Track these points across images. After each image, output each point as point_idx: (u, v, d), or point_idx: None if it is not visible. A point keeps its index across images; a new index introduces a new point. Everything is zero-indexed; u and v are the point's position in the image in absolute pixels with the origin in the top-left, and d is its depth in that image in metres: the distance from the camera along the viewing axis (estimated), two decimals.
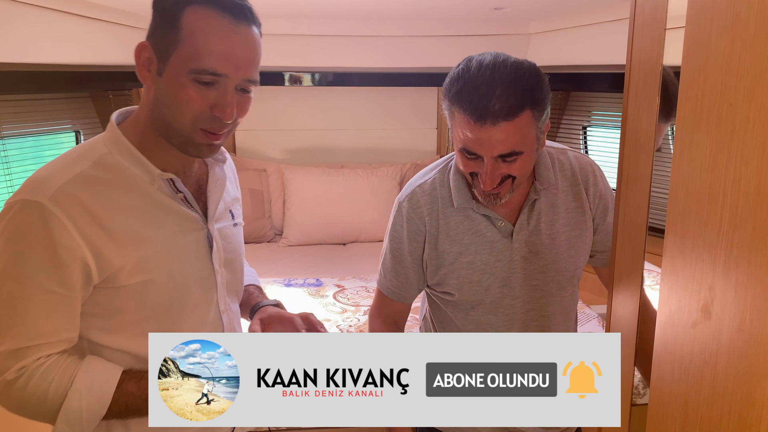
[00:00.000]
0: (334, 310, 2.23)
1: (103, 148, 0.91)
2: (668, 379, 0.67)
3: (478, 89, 0.97)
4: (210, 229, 0.98)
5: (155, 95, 0.89)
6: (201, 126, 0.88)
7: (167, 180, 0.92)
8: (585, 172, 1.17)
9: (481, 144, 0.99)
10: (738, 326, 0.55)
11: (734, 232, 0.55)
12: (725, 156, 0.56)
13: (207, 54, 0.84)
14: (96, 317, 0.90)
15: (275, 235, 3.32)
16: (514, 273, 1.14)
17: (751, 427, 0.54)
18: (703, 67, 0.59)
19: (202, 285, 0.97)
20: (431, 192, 1.16)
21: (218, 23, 0.85)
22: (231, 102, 0.87)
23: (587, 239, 1.17)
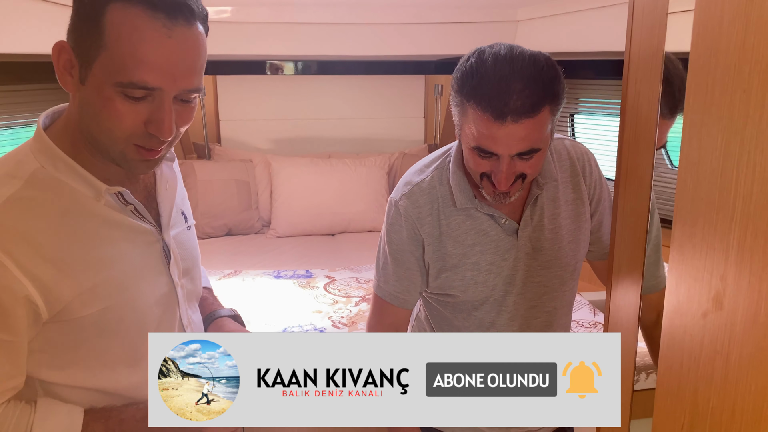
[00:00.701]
0: (325, 302, 2.21)
1: (34, 162, 0.77)
2: (677, 369, 0.66)
3: (498, 84, 0.92)
4: (166, 240, 0.89)
5: (80, 105, 0.76)
6: (135, 142, 0.76)
7: (115, 193, 0.81)
8: (582, 161, 1.15)
9: (499, 142, 0.94)
10: (753, 317, 0.54)
11: (748, 220, 0.54)
12: (738, 143, 0.55)
13: (135, 65, 0.71)
14: (46, 354, 0.79)
15: (263, 226, 3.29)
16: (518, 271, 1.11)
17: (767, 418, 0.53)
18: (714, 53, 0.58)
19: (163, 302, 0.89)
20: (430, 191, 1.11)
21: (148, 26, 0.71)
22: (168, 117, 0.75)
23: (586, 230, 1.16)
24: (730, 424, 0.58)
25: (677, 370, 0.66)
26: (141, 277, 0.85)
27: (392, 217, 1.14)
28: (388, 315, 1.20)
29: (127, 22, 0.71)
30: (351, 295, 2.28)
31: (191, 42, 0.75)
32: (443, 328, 1.20)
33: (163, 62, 0.72)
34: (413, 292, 1.17)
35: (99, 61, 0.72)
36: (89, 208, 0.80)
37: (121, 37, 0.71)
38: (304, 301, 2.22)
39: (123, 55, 0.71)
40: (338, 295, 2.27)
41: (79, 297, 0.77)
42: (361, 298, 2.24)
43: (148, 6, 0.71)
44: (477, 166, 1.01)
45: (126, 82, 0.72)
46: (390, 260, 1.16)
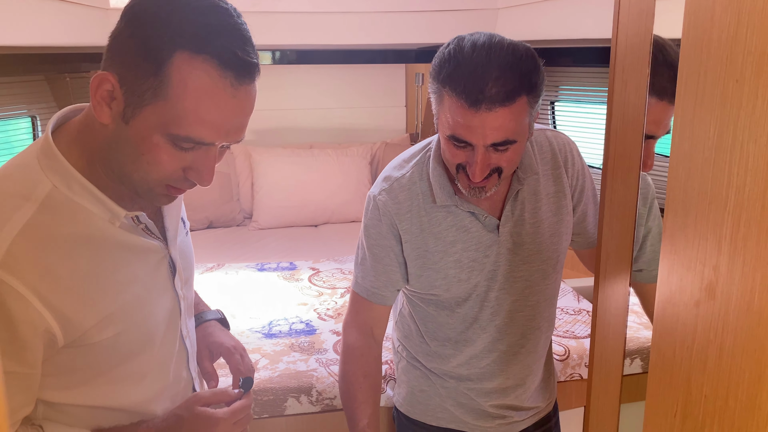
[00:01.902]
0: (311, 294, 2.20)
1: (47, 182, 0.73)
2: (669, 358, 0.67)
3: (474, 71, 0.90)
4: (172, 254, 0.88)
5: (114, 138, 0.73)
6: (168, 183, 0.75)
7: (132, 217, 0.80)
8: (564, 152, 1.14)
9: (474, 131, 0.93)
10: (746, 306, 0.55)
11: (741, 211, 0.54)
12: (731, 133, 0.55)
13: (195, 122, 0.69)
14: (53, 376, 0.77)
15: (244, 218, 3.26)
16: (500, 266, 1.11)
17: (761, 406, 0.54)
18: (706, 42, 0.58)
19: (168, 318, 0.88)
20: (410, 187, 1.09)
21: (216, 85, 0.68)
22: (211, 168, 0.74)
23: (568, 223, 1.16)
24: (723, 411, 0.58)
25: (670, 359, 0.67)
26: (151, 298, 0.84)
27: (371, 212, 1.13)
28: (362, 312, 1.19)
29: (194, 78, 0.68)
30: (336, 286, 2.27)
31: (250, 100, 0.74)
32: (427, 324, 1.19)
33: (223, 122, 0.71)
34: (391, 289, 1.16)
35: (154, 107, 0.69)
36: (105, 232, 0.77)
37: (186, 92, 0.68)
38: (289, 293, 2.21)
39: (185, 109, 0.68)
40: (323, 287, 2.27)
41: (96, 325, 0.76)
42: (346, 290, 2.23)
43: (219, 63, 0.68)
44: (453, 157, 0.99)
45: (183, 136, 0.70)
46: (368, 255, 1.15)
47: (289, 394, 1.57)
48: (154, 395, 0.87)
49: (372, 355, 1.20)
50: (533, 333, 1.18)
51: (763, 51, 0.51)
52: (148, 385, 0.86)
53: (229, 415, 0.87)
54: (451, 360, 1.18)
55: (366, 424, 1.15)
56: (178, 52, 0.67)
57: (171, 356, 0.90)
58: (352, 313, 1.21)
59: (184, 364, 0.94)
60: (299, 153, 3.22)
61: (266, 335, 1.85)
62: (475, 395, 1.21)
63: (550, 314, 1.22)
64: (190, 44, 0.67)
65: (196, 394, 0.91)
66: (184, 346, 0.93)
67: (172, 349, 0.90)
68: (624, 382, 0.93)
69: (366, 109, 3.62)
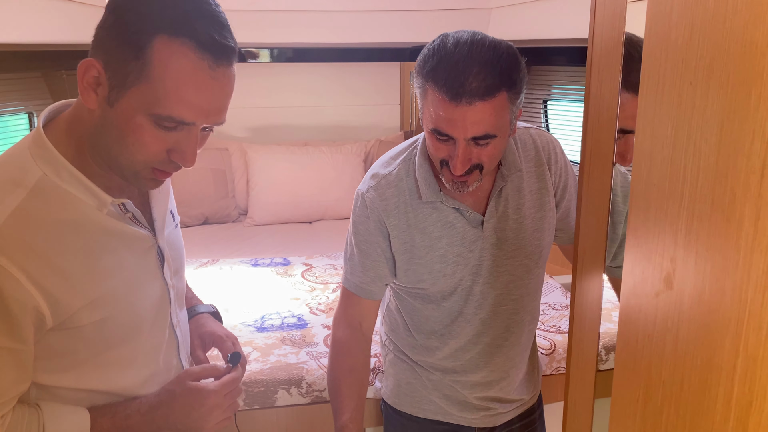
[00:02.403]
0: (303, 289, 2.23)
1: (37, 169, 0.77)
2: (633, 346, 0.70)
3: (455, 66, 0.94)
4: (160, 243, 0.91)
5: (101, 122, 0.77)
6: (154, 166, 0.79)
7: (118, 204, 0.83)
8: (547, 149, 1.17)
9: (455, 124, 0.96)
10: (698, 295, 0.58)
11: (694, 205, 0.58)
12: (686, 133, 0.58)
13: (176, 101, 0.73)
14: (45, 359, 0.80)
15: (239, 215, 3.29)
16: (484, 261, 1.14)
17: (710, 388, 0.57)
18: (664, 47, 0.61)
19: (157, 305, 0.91)
20: (397, 183, 1.12)
21: (195, 66, 0.72)
22: (194, 148, 0.78)
23: (551, 218, 1.19)
24: (679, 395, 0.62)
25: (633, 348, 0.70)
26: (139, 284, 0.87)
27: (359, 209, 1.15)
28: (351, 307, 1.22)
29: (174, 59, 0.71)
30: (329, 282, 2.30)
31: (229, 82, 0.78)
32: (413, 318, 1.22)
33: (202, 101, 0.75)
34: (379, 284, 1.19)
35: (137, 89, 0.73)
36: (92, 219, 0.81)
37: (166, 73, 0.72)
38: (282, 288, 2.24)
39: (166, 90, 0.72)
40: (316, 282, 2.30)
41: (84, 307, 0.79)
42: (338, 285, 2.26)
43: (197, 45, 0.72)
44: (436, 151, 1.02)
45: (164, 116, 0.73)
46: (356, 251, 1.18)
47: (279, 386, 1.60)
48: (144, 381, 0.90)
49: (359, 349, 1.23)
50: (517, 326, 1.21)
51: (712, 56, 0.54)
52: (138, 371, 0.89)
53: (220, 387, 0.91)
54: (437, 352, 1.21)
55: (348, 418, 1.18)
56: (158, 37, 0.71)
57: (161, 344, 0.92)
58: (342, 307, 1.24)
59: (175, 353, 0.97)
60: (294, 150, 3.25)
61: (258, 329, 1.89)
62: (461, 387, 1.24)
63: (533, 308, 1.25)
64: (169, 29, 0.71)
65: (187, 370, 0.94)
66: (174, 334, 0.96)
67: (162, 337, 0.93)
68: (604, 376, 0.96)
69: (361, 107, 3.65)
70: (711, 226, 0.56)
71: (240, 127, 3.54)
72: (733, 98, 0.52)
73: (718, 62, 0.54)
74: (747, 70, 0.50)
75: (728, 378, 0.54)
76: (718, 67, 0.54)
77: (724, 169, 0.54)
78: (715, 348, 0.56)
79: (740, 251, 0.52)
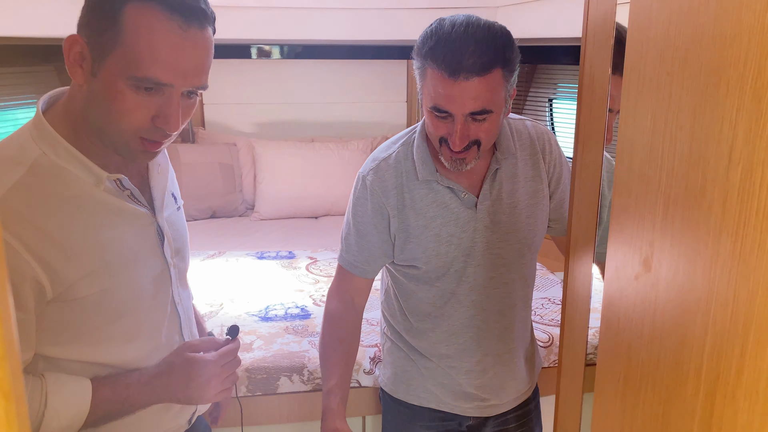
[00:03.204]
0: (307, 281, 2.27)
1: (36, 148, 0.81)
2: (614, 328, 0.73)
3: (452, 44, 0.99)
4: (159, 222, 0.94)
5: (88, 95, 0.80)
6: (141, 135, 0.81)
7: (114, 180, 0.86)
8: (542, 140, 1.21)
9: (453, 100, 1.01)
10: (672, 277, 0.61)
11: (670, 191, 0.61)
12: (663, 121, 0.61)
13: (151, 62, 0.76)
14: (48, 331, 0.83)
15: (246, 209, 3.33)
16: (477, 243, 1.17)
17: (682, 365, 0.60)
18: (645, 38, 0.64)
19: (157, 282, 0.94)
20: (396, 165, 1.17)
21: (165, 26, 0.76)
22: (176, 112, 0.80)
23: (544, 207, 1.22)
24: (656, 373, 0.64)
25: (615, 329, 0.73)
26: (138, 259, 0.90)
27: (359, 191, 1.20)
28: (345, 282, 1.28)
29: (144, 22, 0.75)
30: (332, 275, 2.32)
31: (202, 43, 0.80)
32: (408, 300, 1.26)
33: (176, 60, 0.77)
34: (373, 264, 1.24)
35: (114, 55, 0.76)
36: (90, 194, 0.83)
37: (139, 34, 0.75)
38: (287, 281, 2.27)
39: (139, 51, 0.75)
40: (320, 275, 2.33)
41: (82, 279, 0.82)
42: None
43: (165, 8, 0.76)
44: (435, 129, 1.06)
45: (140, 77, 0.76)
46: (353, 231, 1.22)
47: (281, 373, 1.63)
48: (146, 355, 0.93)
49: (350, 321, 1.28)
50: (509, 311, 1.24)
51: (687, 47, 0.57)
52: (140, 345, 0.92)
53: (218, 358, 0.94)
54: (431, 335, 1.24)
55: (335, 383, 1.22)
56: (129, 3, 0.75)
57: (162, 319, 0.96)
58: (336, 282, 1.30)
59: (177, 329, 1.01)
60: (301, 146, 3.29)
61: (262, 318, 1.92)
62: (455, 374, 1.26)
63: (526, 295, 1.27)
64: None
65: (186, 343, 0.98)
66: (176, 311, 1.00)
67: (164, 313, 0.96)
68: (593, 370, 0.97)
69: (368, 103, 3.68)
70: (685, 210, 0.58)
71: (248, 123, 3.58)
72: (705, 87, 0.55)
73: (691, 54, 0.56)
74: (717, 60, 0.53)
75: (698, 354, 0.57)
76: (691, 58, 0.56)
77: (696, 155, 0.56)
78: (687, 327, 0.59)
79: (710, 233, 0.55)
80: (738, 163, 0.51)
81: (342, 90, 3.63)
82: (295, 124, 3.61)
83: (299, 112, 3.62)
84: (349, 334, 1.28)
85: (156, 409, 0.95)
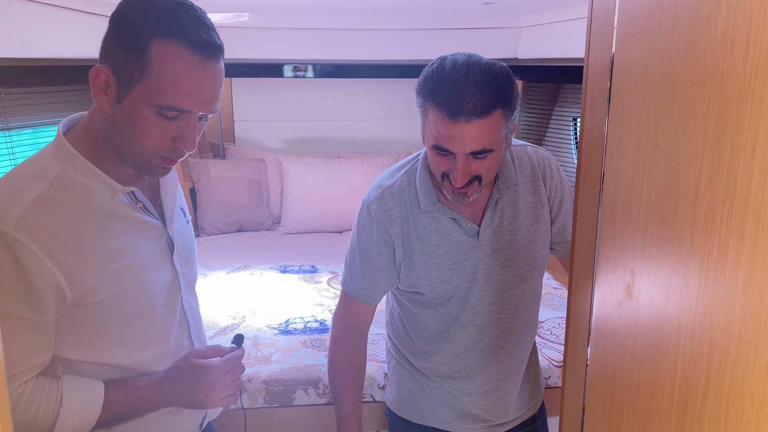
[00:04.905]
0: (328, 296, 2.32)
1: (57, 165, 0.89)
2: (602, 353, 0.76)
3: (453, 87, 1.00)
4: (169, 233, 1.01)
5: (112, 119, 0.88)
6: (161, 155, 0.89)
7: (128, 193, 0.94)
8: (543, 166, 1.23)
9: (454, 141, 1.03)
10: (649, 305, 0.64)
11: (648, 222, 0.64)
12: (642, 156, 0.64)
13: (175, 92, 0.84)
14: (67, 334, 0.89)
15: (273, 223, 3.41)
16: (480, 270, 1.19)
17: (658, 390, 0.62)
18: (627, 77, 0.68)
19: (168, 289, 1.01)
20: (399, 194, 1.19)
21: (187, 61, 0.84)
22: (193, 134, 0.88)
23: (546, 231, 1.24)
24: (636, 397, 0.67)
25: (602, 353, 0.76)
26: (150, 266, 0.97)
27: (363, 219, 1.22)
28: (350, 308, 1.30)
29: (169, 57, 0.83)
30: None
31: (217, 74, 0.89)
32: (413, 323, 1.28)
33: (197, 91, 0.86)
34: (377, 291, 1.26)
35: (141, 85, 0.84)
36: (105, 206, 0.91)
37: (164, 68, 0.83)
38: (308, 294, 2.33)
39: (164, 82, 0.84)
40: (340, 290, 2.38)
41: (98, 283, 0.88)
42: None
43: (187, 44, 0.84)
44: (438, 165, 1.09)
45: (165, 105, 0.84)
46: (358, 258, 1.24)
47: (297, 386, 1.68)
48: (157, 358, 1.00)
49: (358, 346, 1.31)
50: (512, 335, 1.25)
51: (662, 88, 0.60)
52: (151, 349, 0.99)
53: (222, 364, 1.00)
54: (435, 357, 1.27)
55: (350, 411, 1.26)
56: (155, 39, 0.83)
57: (172, 325, 1.02)
58: (341, 308, 1.32)
59: (186, 334, 1.07)
60: (327, 162, 3.36)
61: (282, 332, 1.98)
62: (459, 394, 1.28)
63: (530, 319, 1.29)
64: (164, 32, 0.83)
65: (194, 349, 1.04)
66: (185, 318, 1.06)
67: (173, 318, 1.03)
68: None
69: (393, 121, 3.74)
70: (660, 241, 0.61)
71: (276, 139, 3.68)
72: (676, 126, 0.58)
73: (665, 94, 0.60)
74: (686, 102, 0.56)
75: (671, 381, 0.60)
76: (665, 99, 0.60)
77: (669, 189, 0.59)
78: (661, 353, 0.62)
79: (681, 264, 0.58)
80: (703, 200, 0.54)
81: (367, 108, 3.70)
82: (322, 140, 3.69)
83: (326, 129, 3.70)
84: (357, 359, 1.31)
85: (166, 413, 1.01)
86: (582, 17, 2.62)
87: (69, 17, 2.18)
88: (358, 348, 1.31)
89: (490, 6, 2.62)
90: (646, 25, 0.63)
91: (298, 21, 3.00)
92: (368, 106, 3.70)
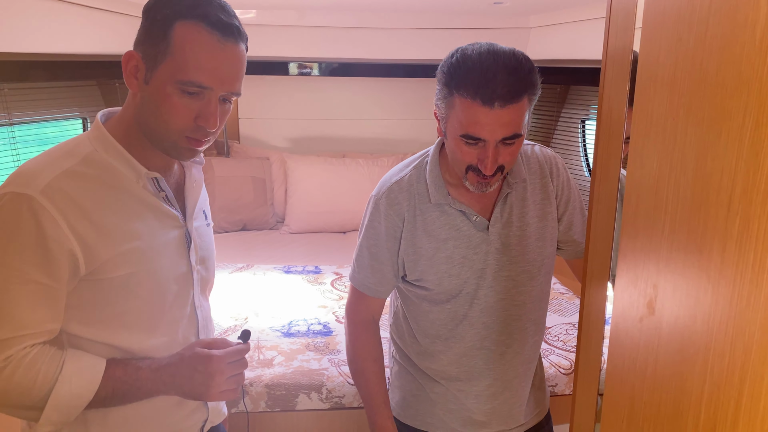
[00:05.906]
0: (331, 297, 2.29)
1: (90, 146, 0.94)
2: (619, 369, 0.73)
3: (485, 74, 1.01)
4: (188, 228, 1.03)
5: (141, 101, 0.93)
6: (186, 134, 0.93)
7: (152, 179, 0.97)
8: (549, 164, 1.23)
9: (487, 127, 1.03)
10: (674, 322, 0.60)
11: (673, 235, 0.60)
12: (668, 165, 0.61)
13: (195, 68, 0.89)
14: (77, 309, 0.92)
15: (277, 222, 3.38)
16: (489, 265, 1.19)
17: (682, 412, 0.59)
18: (653, 83, 0.64)
19: (180, 281, 1.02)
20: (408, 188, 1.19)
21: (206, 39, 0.89)
22: (214, 112, 0.92)
23: (553, 229, 1.23)
24: (656, 418, 0.64)
25: (620, 370, 0.73)
26: (164, 254, 0.99)
27: (372, 214, 1.22)
28: (362, 304, 1.30)
29: (189, 36, 0.89)
30: None
31: (237, 55, 0.93)
32: (419, 322, 1.26)
33: (215, 67, 0.91)
34: (386, 285, 1.26)
35: (164, 64, 0.90)
36: (129, 188, 0.95)
37: (185, 46, 0.89)
38: (311, 296, 2.30)
39: (185, 59, 0.89)
40: (344, 291, 2.35)
41: (112, 259, 0.91)
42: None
43: (207, 24, 0.90)
44: (463, 156, 1.08)
45: (186, 81, 0.89)
46: (366, 253, 1.24)
47: (300, 391, 1.65)
48: (162, 347, 1.00)
49: (375, 340, 1.31)
50: (520, 333, 1.24)
51: (691, 94, 0.57)
52: (158, 337, 0.99)
53: (224, 355, 0.99)
54: (442, 357, 1.25)
55: (382, 401, 1.27)
56: (178, 22, 0.89)
57: (182, 317, 1.03)
58: (353, 303, 1.32)
59: (194, 330, 1.07)
60: (332, 161, 3.33)
61: (285, 334, 1.95)
62: (464, 398, 1.26)
63: (538, 318, 1.27)
64: (185, 15, 0.89)
65: (199, 340, 1.04)
66: (195, 315, 1.06)
67: (183, 312, 1.03)
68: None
69: (399, 120, 3.71)
70: (686, 256, 0.58)
71: (281, 138, 3.65)
72: (707, 135, 0.55)
73: (695, 101, 0.56)
74: (718, 109, 0.53)
75: (697, 403, 0.57)
76: (695, 106, 0.57)
77: (698, 202, 0.56)
78: (686, 374, 0.59)
79: (710, 281, 0.54)
80: (737, 214, 0.51)
81: (374, 107, 3.67)
82: (327, 139, 3.66)
83: (331, 128, 3.67)
84: (377, 351, 1.31)
85: (164, 409, 1.00)
86: (593, 18, 2.59)
87: (73, 12, 2.16)
88: (377, 341, 1.32)
89: (499, 6, 2.59)
90: (674, 26, 0.60)
91: (304, 18, 2.97)
92: (374, 106, 3.67)
